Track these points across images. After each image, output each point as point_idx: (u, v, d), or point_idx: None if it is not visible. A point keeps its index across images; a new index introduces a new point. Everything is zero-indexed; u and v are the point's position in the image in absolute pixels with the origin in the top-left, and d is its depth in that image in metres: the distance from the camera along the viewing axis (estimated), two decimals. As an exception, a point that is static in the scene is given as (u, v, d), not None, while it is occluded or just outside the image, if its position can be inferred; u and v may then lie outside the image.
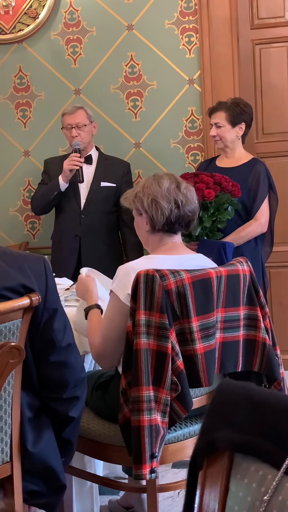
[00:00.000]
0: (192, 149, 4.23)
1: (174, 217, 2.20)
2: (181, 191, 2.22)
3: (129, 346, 2.03)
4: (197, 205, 2.27)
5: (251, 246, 3.62)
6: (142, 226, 2.28)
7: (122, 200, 2.35)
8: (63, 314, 1.94)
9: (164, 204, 2.18)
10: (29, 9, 4.27)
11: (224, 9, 4.06)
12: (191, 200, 2.23)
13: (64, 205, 3.91)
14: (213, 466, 0.85)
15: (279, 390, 2.21)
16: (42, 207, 3.97)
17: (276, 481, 0.77)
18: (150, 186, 2.22)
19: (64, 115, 3.89)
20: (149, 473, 1.97)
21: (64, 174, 3.78)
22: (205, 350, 2.05)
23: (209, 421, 0.87)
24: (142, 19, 4.19)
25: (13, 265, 1.83)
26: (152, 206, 2.19)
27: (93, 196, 3.87)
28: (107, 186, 3.87)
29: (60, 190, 3.81)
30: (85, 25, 4.27)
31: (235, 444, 0.83)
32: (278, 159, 4.13)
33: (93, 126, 3.91)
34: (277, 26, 4.07)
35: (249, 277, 2.19)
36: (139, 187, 2.26)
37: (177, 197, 2.20)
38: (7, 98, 4.42)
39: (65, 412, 1.95)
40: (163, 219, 2.19)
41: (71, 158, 3.76)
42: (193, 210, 2.24)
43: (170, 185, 2.21)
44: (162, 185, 2.21)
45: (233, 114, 3.60)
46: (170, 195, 2.20)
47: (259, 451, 0.80)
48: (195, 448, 0.88)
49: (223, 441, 0.84)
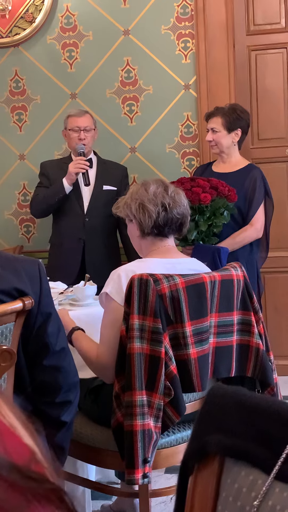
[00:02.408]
0: (187, 154, 4.24)
1: (162, 220, 2.20)
2: (168, 194, 2.23)
3: (123, 351, 2.02)
4: (187, 208, 2.28)
5: (246, 251, 3.62)
6: (133, 232, 2.29)
7: (113, 209, 2.36)
8: (56, 318, 1.94)
9: (151, 207, 2.20)
10: (26, 13, 4.27)
11: (221, 15, 4.08)
12: (180, 203, 2.24)
13: (65, 208, 3.90)
14: (203, 470, 0.85)
15: (272, 395, 2.21)
16: (43, 210, 3.95)
17: (266, 486, 0.77)
18: (137, 191, 2.25)
19: (70, 117, 3.88)
20: (141, 478, 1.97)
21: (69, 177, 3.77)
22: (199, 355, 2.04)
23: (200, 425, 0.87)
24: (139, 24, 4.20)
25: (8, 268, 1.83)
26: (140, 210, 2.21)
27: (96, 199, 3.88)
28: (109, 189, 3.89)
29: (65, 193, 3.81)
30: (81, 29, 4.28)
31: (226, 449, 0.83)
32: (273, 165, 4.14)
33: (95, 132, 3.94)
34: (273, 33, 4.08)
35: (243, 282, 2.19)
36: (128, 195, 2.29)
37: (164, 200, 2.21)
38: (3, 102, 4.42)
39: (57, 417, 1.94)
40: (151, 222, 2.20)
41: (77, 161, 3.76)
42: (182, 213, 2.25)
43: (157, 189, 2.23)
44: (148, 190, 2.23)
45: (230, 120, 3.61)
46: (157, 199, 2.21)
47: (250, 455, 0.80)
48: (186, 453, 0.88)
49: (214, 445, 0.83)
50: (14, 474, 0.46)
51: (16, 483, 0.45)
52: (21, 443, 0.50)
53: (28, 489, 0.46)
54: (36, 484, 0.47)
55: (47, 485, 0.47)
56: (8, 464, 0.46)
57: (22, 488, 0.46)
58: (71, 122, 3.88)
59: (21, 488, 0.45)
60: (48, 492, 0.47)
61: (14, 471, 0.46)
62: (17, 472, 0.46)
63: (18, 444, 0.50)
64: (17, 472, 0.46)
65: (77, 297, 2.94)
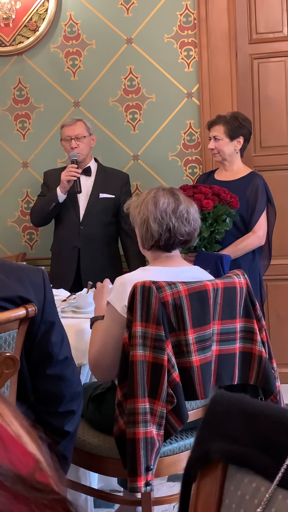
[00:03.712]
0: (190, 162, 4.25)
1: (163, 241, 2.18)
2: (177, 213, 2.16)
3: (125, 358, 2.02)
4: (197, 223, 2.23)
5: (249, 259, 3.62)
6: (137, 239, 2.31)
7: (125, 206, 2.33)
8: (60, 327, 1.94)
9: (155, 227, 2.16)
10: (29, 22, 4.29)
11: (223, 23, 4.09)
12: (188, 221, 2.18)
13: (63, 216, 3.92)
14: (206, 477, 0.84)
15: (275, 403, 2.20)
16: (40, 219, 3.98)
17: (269, 493, 0.77)
18: (147, 204, 2.19)
19: (63, 127, 3.91)
20: (144, 485, 1.96)
21: (62, 185, 3.79)
22: (201, 362, 2.04)
23: (203, 432, 0.87)
24: (142, 33, 4.22)
25: (12, 277, 1.83)
26: (143, 226, 2.19)
27: (92, 207, 3.87)
28: (105, 197, 3.88)
29: (58, 201, 3.81)
30: (84, 38, 4.30)
31: (229, 456, 0.83)
32: (275, 173, 4.14)
33: (91, 138, 3.93)
34: (275, 41, 4.10)
35: (246, 289, 2.19)
36: (140, 200, 2.23)
37: (170, 221, 2.15)
38: (6, 110, 4.43)
39: (61, 426, 1.93)
40: (152, 241, 2.19)
41: (68, 169, 3.77)
42: (189, 232, 2.20)
43: (167, 206, 2.17)
44: (158, 205, 2.17)
45: (232, 128, 3.62)
46: (163, 220, 2.15)
47: (253, 462, 0.80)
48: (189, 460, 0.88)
49: (217, 452, 0.83)
50: (18, 484, 0.45)
51: (20, 493, 0.45)
52: (26, 451, 0.50)
53: (33, 499, 0.45)
54: (41, 494, 0.46)
55: (52, 496, 0.47)
56: (13, 474, 0.46)
57: (27, 499, 0.45)
58: (63, 132, 3.90)
59: (25, 499, 0.45)
60: (53, 502, 0.46)
61: (18, 481, 0.45)
62: (22, 483, 0.46)
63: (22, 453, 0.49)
64: (22, 483, 0.46)
65: (80, 304, 2.94)
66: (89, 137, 3.90)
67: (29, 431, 0.52)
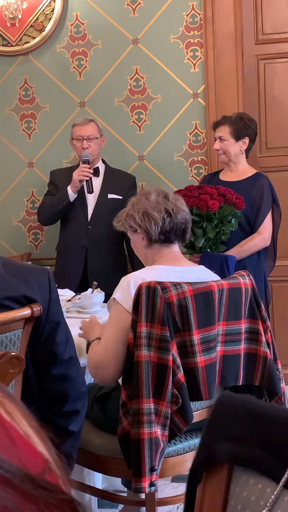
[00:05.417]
0: (195, 163, 4.25)
1: (168, 225, 2.22)
2: (170, 201, 2.25)
3: (130, 358, 2.02)
4: (189, 214, 2.30)
5: (254, 260, 3.62)
6: (138, 243, 2.29)
7: (115, 223, 2.36)
8: (65, 327, 1.94)
9: (156, 214, 2.22)
10: (36, 22, 4.30)
11: (229, 24, 4.09)
12: (182, 208, 2.27)
13: (71, 216, 3.92)
14: (212, 478, 0.84)
15: (280, 404, 2.20)
16: (49, 218, 3.98)
17: (275, 494, 0.76)
18: (139, 201, 2.27)
19: (75, 126, 3.91)
20: (148, 486, 1.96)
21: (73, 185, 3.79)
22: (206, 363, 2.04)
23: (209, 433, 0.87)
24: (148, 33, 4.22)
25: (17, 276, 1.84)
26: (145, 218, 2.22)
27: (100, 207, 3.88)
28: (114, 198, 3.89)
29: (68, 200, 3.82)
30: (90, 38, 4.30)
31: (234, 457, 0.83)
32: (281, 174, 4.14)
33: (102, 140, 3.94)
34: (282, 42, 4.09)
35: (251, 290, 2.19)
36: (129, 206, 2.30)
37: (167, 206, 2.23)
38: (12, 110, 4.44)
39: (65, 426, 1.94)
40: (157, 229, 2.21)
41: (81, 168, 3.77)
42: (185, 218, 2.27)
43: (158, 197, 2.25)
44: (149, 198, 2.25)
45: (237, 128, 3.62)
46: (160, 205, 2.23)
47: (258, 464, 0.80)
48: (194, 461, 0.87)
49: (222, 454, 0.83)
50: (27, 483, 0.45)
51: (29, 492, 0.45)
52: (35, 451, 0.50)
53: (42, 499, 0.45)
54: (50, 494, 0.46)
55: (60, 495, 0.47)
56: (22, 473, 0.46)
57: (36, 498, 0.45)
58: (75, 131, 3.89)
59: (34, 498, 0.45)
60: (62, 502, 0.47)
61: (27, 480, 0.46)
62: (31, 482, 0.46)
63: (32, 453, 0.49)
64: (31, 482, 0.46)
65: (85, 304, 2.94)
66: (100, 138, 3.91)
67: (38, 431, 0.52)
